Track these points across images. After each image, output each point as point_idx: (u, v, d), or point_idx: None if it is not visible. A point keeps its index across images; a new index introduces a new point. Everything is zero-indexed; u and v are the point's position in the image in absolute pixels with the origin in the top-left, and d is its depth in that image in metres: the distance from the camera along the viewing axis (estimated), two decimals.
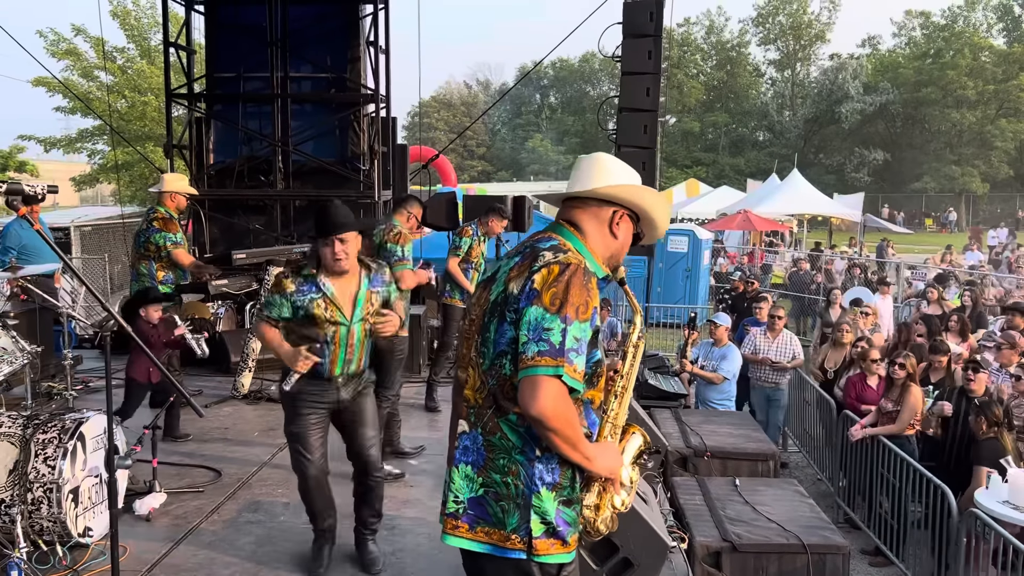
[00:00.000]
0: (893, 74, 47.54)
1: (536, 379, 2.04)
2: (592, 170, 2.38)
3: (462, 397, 2.28)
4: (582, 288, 2.11)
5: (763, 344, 8.65)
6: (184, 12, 9.76)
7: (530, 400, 2.04)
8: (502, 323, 2.17)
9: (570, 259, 2.16)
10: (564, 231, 2.33)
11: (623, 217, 2.36)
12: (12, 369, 4.32)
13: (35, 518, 3.88)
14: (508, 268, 2.25)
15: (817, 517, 4.85)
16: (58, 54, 21.93)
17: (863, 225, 27.77)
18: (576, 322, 2.08)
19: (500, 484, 2.17)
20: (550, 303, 2.08)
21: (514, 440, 2.16)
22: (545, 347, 2.05)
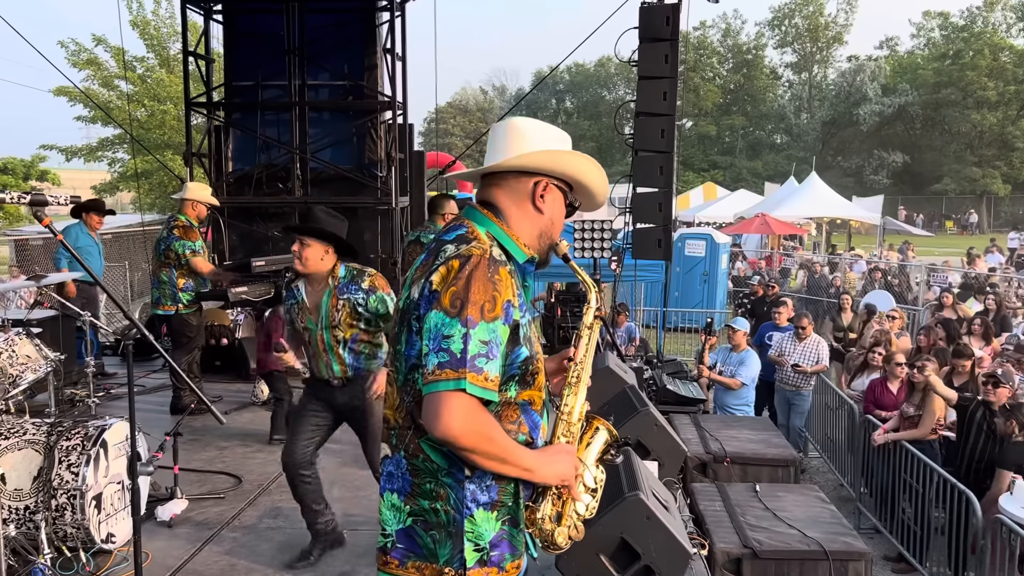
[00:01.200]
0: (912, 75, 47.21)
1: (437, 396, 1.80)
2: (505, 140, 2.08)
3: (384, 416, 2.06)
4: (486, 282, 1.84)
5: (789, 347, 8.61)
6: (203, 21, 9.83)
7: (433, 421, 1.80)
8: (410, 334, 1.92)
9: (472, 250, 1.89)
10: (476, 215, 2.05)
11: (547, 187, 2.08)
12: (36, 377, 4.37)
13: (59, 524, 3.92)
14: (413, 269, 2.02)
15: (839, 523, 4.80)
16: (79, 64, 22.20)
17: (882, 228, 27.55)
18: (482, 323, 1.82)
19: (429, 511, 1.92)
20: (450, 305, 1.83)
21: (439, 461, 1.91)
22: (446, 357, 1.80)
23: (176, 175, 15.45)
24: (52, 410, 4.76)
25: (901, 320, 10.50)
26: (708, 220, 26.75)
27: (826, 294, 17.04)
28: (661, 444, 4.90)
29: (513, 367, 1.93)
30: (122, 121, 19.90)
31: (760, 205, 26.04)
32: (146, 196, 23.37)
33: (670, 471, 4.96)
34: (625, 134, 9.26)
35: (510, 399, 1.96)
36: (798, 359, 8.50)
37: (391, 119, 9.56)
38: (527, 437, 1.99)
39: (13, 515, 3.90)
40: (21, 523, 3.91)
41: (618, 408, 5.21)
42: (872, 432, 7.22)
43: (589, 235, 9.09)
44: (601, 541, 3.51)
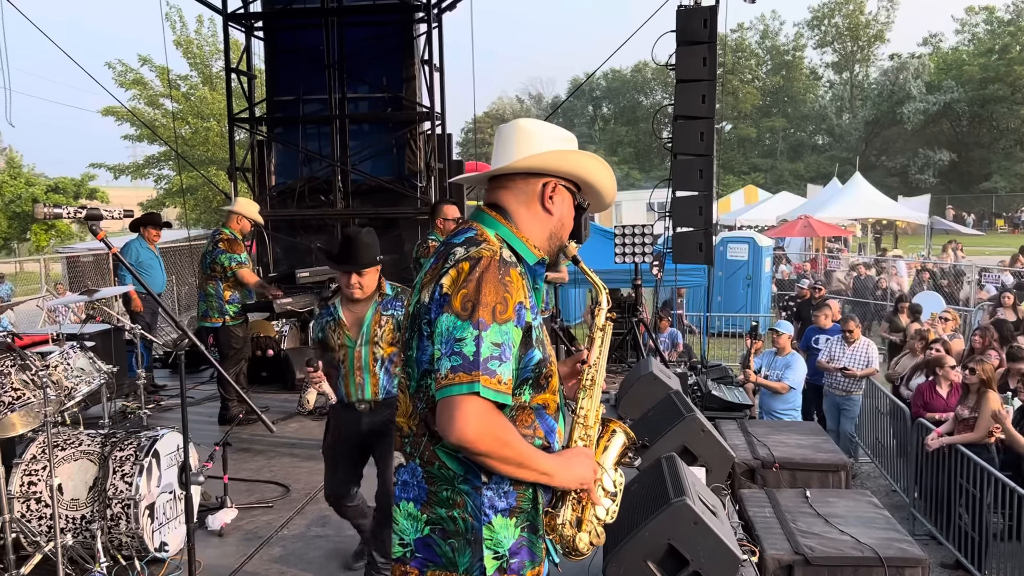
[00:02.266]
0: (957, 72, 46.27)
1: (451, 401, 1.77)
2: (512, 142, 2.05)
3: (396, 423, 2.02)
4: (497, 284, 1.82)
5: (839, 351, 8.46)
6: (244, 39, 10.02)
7: (447, 426, 1.78)
8: (421, 339, 1.90)
9: (482, 252, 1.86)
10: (485, 218, 2.03)
11: (556, 188, 2.06)
12: (90, 389, 4.46)
13: (114, 533, 4.00)
14: (423, 272, 1.99)
15: (893, 529, 4.70)
16: (126, 84, 22.76)
17: (930, 228, 27.00)
18: (494, 325, 1.79)
19: (447, 519, 1.88)
20: (461, 308, 1.80)
21: (455, 468, 1.88)
22: (458, 361, 1.78)
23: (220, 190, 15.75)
24: (106, 421, 4.86)
25: (955, 322, 10.24)
26: (750, 223, 26.45)
27: (873, 296, 16.74)
28: (708, 450, 4.84)
29: (526, 370, 1.91)
30: (167, 139, 20.35)
31: (803, 207, 25.68)
32: (191, 211, 23.83)
33: (718, 477, 4.89)
34: (663, 138, 9.22)
35: (524, 403, 1.93)
36: (848, 363, 8.35)
37: (430, 130, 9.64)
38: (543, 441, 1.97)
39: (70, 524, 3.99)
40: (78, 532, 3.99)
41: (663, 414, 5.16)
42: (924, 436, 7.06)
43: (630, 240, 9.05)
44: (648, 547, 3.48)
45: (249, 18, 9.85)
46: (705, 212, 8.22)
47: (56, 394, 4.13)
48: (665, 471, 3.84)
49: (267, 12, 9.86)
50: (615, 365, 9.57)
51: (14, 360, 4.05)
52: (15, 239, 29.23)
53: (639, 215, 26.68)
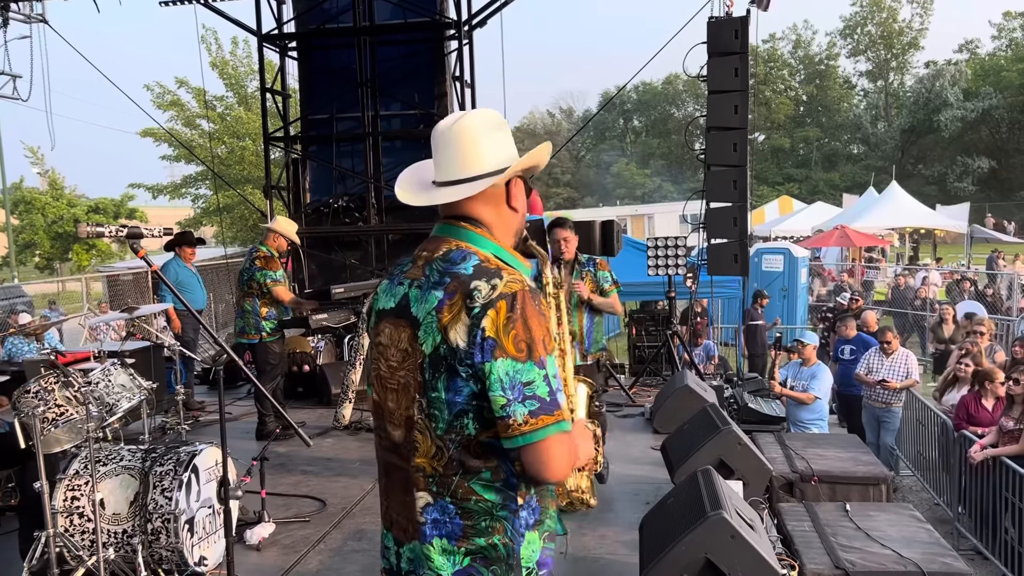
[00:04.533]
0: (995, 78, 45.47)
1: (543, 446, 1.78)
2: (461, 149, 1.97)
3: (411, 464, 1.93)
4: (539, 317, 1.81)
5: (877, 363, 8.34)
6: (279, 59, 10.18)
7: (544, 470, 1.80)
8: (454, 378, 1.83)
9: (512, 286, 1.82)
10: (470, 235, 1.95)
11: (516, 182, 2.03)
12: (131, 405, 4.54)
13: (154, 548, 4.05)
14: (431, 306, 1.86)
15: (936, 543, 4.60)
16: (163, 106, 23.23)
17: (970, 236, 26.52)
18: (549, 358, 1.81)
19: (488, 548, 1.89)
20: (516, 351, 1.77)
21: (493, 499, 1.88)
22: (535, 405, 1.77)
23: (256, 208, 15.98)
24: (146, 437, 4.94)
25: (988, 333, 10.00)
26: (785, 234, 26.20)
27: (911, 306, 16.48)
28: (745, 463, 4.78)
29: None
30: (204, 158, 20.72)
31: (839, 217, 25.39)
32: (228, 229, 24.22)
33: (755, 491, 4.83)
34: (696, 150, 9.19)
35: None
36: (887, 375, 8.23)
37: None
38: None
39: (112, 539, 4.05)
40: (120, 546, 4.05)
41: (699, 427, 5.12)
42: (967, 448, 6.91)
43: (663, 252, 9.02)
44: (685, 561, 3.44)
45: (283, 39, 10.02)
46: (739, 223, 8.18)
47: (98, 410, 4.21)
48: (701, 485, 3.81)
49: (301, 32, 10.01)
50: (650, 379, 9.52)
51: (58, 377, 4.14)
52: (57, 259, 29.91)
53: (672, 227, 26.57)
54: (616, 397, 8.67)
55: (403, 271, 2.00)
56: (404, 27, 9.70)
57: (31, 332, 4.96)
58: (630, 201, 46.07)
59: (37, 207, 28.28)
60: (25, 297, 17.94)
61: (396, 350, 1.94)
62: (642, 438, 7.23)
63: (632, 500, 5.64)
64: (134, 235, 2.79)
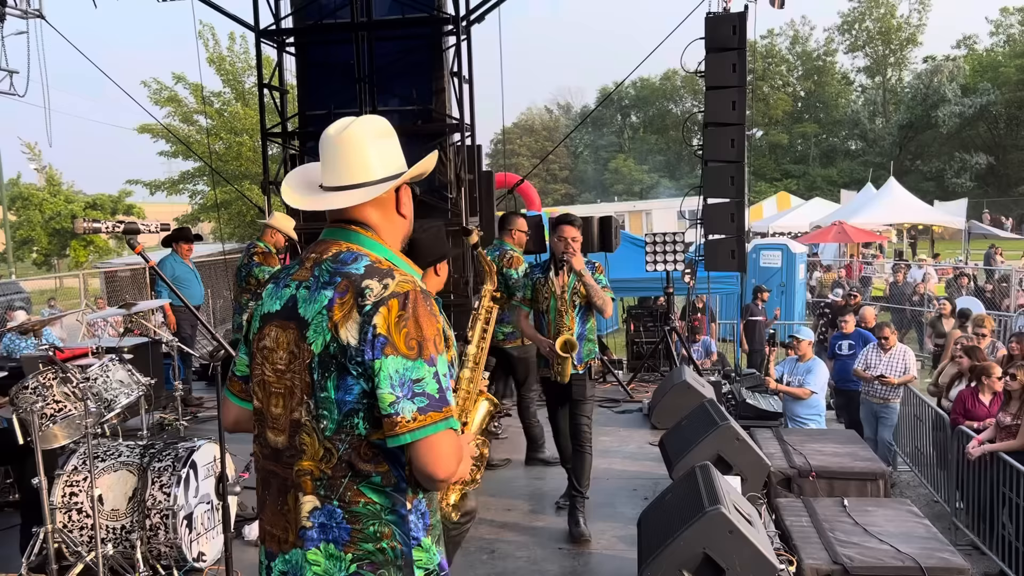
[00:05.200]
0: (993, 74, 45.49)
1: (430, 442, 1.77)
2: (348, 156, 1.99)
3: (294, 469, 1.90)
4: (430, 316, 1.83)
5: (875, 358, 8.35)
6: (276, 54, 10.15)
7: (434, 467, 1.78)
8: (344, 377, 1.82)
9: (404, 285, 1.83)
10: (361, 239, 1.97)
11: (405, 189, 2.08)
12: (129, 401, 4.54)
13: (153, 543, 4.06)
14: (320, 305, 1.85)
15: (934, 538, 4.61)
16: (161, 102, 23.16)
17: (967, 232, 26.55)
18: (440, 356, 1.82)
19: (375, 552, 1.86)
20: (407, 348, 1.78)
21: (382, 502, 1.87)
22: (424, 402, 1.77)
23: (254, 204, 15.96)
24: (144, 433, 4.94)
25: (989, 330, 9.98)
26: (783, 230, 26.21)
27: (909, 302, 16.50)
28: (743, 458, 4.79)
29: None
30: (202, 154, 20.67)
31: (837, 213, 25.40)
32: (226, 226, 24.18)
33: (753, 486, 4.84)
34: (693, 146, 9.19)
35: None
36: (884, 370, 8.24)
37: (459, 141, 9.69)
38: None
39: (110, 534, 4.06)
40: (118, 542, 4.06)
41: (697, 422, 5.13)
42: (965, 443, 6.93)
43: (661, 248, 9.02)
44: (684, 556, 3.45)
45: (281, 34, 9.98)
46: (737, 219, 8.19)
47: (96, 406, 4.21)
48: (700, 480, 3.82)
49: (298, 28, 9.98)
50: (648, 374, 9.53)
51: (56, 373, 4.13)
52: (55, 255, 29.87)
53: (670, 223, 26.57)
54: (614, 393, 8.68)
55: (289, 274, 1.98)
56: (402, 23, 9.66)
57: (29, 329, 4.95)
58: (628, 197, 46.10)
59: (34, 203, 28.22)
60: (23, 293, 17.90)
61: (283, 352, 1.91)
62: (640, 434, 7.24)
63: (630, 495, 5.65)
64: (131, 231, 2.79)
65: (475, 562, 4.49)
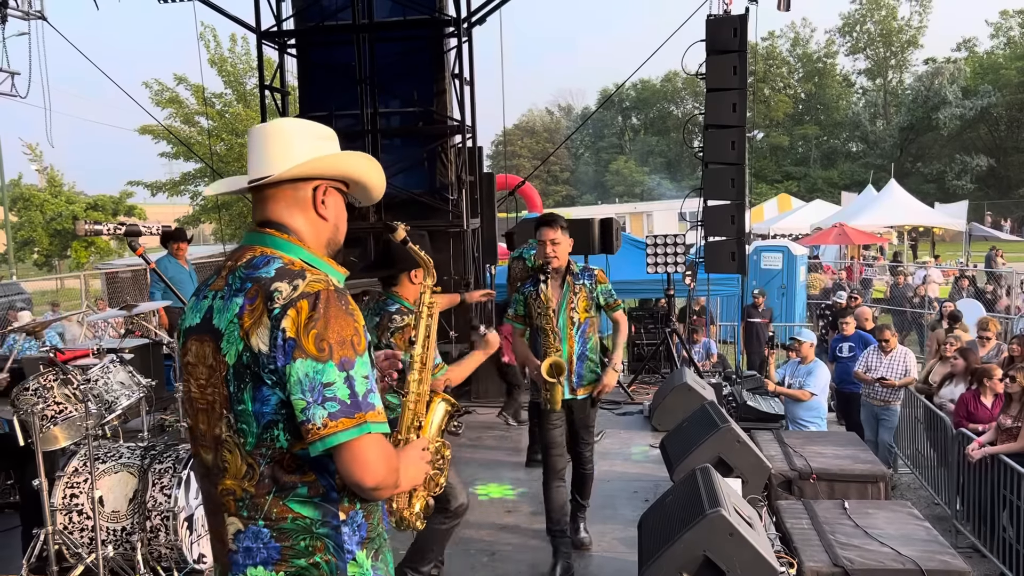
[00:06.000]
0: (994, 76, 45.47)
1: (352, 446, 1.67)
2: (269, 148, 1.91)
3: (218, 488, 1.82)
4: (345, 316, 1.72)
5: (875, 361, 8.35)
6: (277, 56, 10.17)
7: (361, 473, 1.68)
8: (259, 387, 1.72)
9: (314, 285, 1.73)
10: (276, 241, 1.87)
11: (327, 191, 1.94)
12: (130, 402, 4.53)
13: (154, 545, 4.06)
14: (232, 313, 1.76)
15: (934, 540, 4.61)
16: (162, 103, 23.18)
17: (968, 234, 26.55)
18: (358, 358, 1.71)
19: (308, 568, 1.78)
20: (317, 350, 1.67)
21: (311, 515, 1.77)
22: (335, 407, 1.66)
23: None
24: (145, 434, 4.94)
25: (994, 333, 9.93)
26: (784, 232, 26.22)
27: (910, 304, 16.50)
28: (744, 461, 4.79)
29: None
30: (203, 155, 20.68)
31: (838, 215, 25.39)
32: (227, 227, 24.19)
33: (754, 489, 4.84)
34: (694, 148, 9.20)
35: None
36: (885, 372, 8.24)
37: (460, 143, 9.70)
38: None
39: (111, 536, 4.06)
40: (119, 544, 4.06)
41: (698, 424, 5.13)
42: (966, 446, 6.93)
43: (662, 250, 9.02)
44: (684, 559, 3.45)
45: (282, 36, 10.00)
46: (737, 221, 8.19)
47: (97, 408, 4.21)
48: (700, 482, 3.81)
49: (300, 30, 10.00)
50: (648, 376, 9.53)
51: (56, 374, 4.14)
52: (56, 256, 29.87)
53: (671, 225, 26.57)
54: (615, 395, 8.67)
55: (208, 284, 1.89)
56: (403, 24, 9.68)
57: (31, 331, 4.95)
58: (629, 199, 46.07)
59: (35, 204, 28.23)
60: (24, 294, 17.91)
61: (203, 367, 1.82)
62: (641, 436, 7.25)
63: (631, 498, 5.65)
64: (132, 233, 2.79)
65: (476, 564, 4.49)
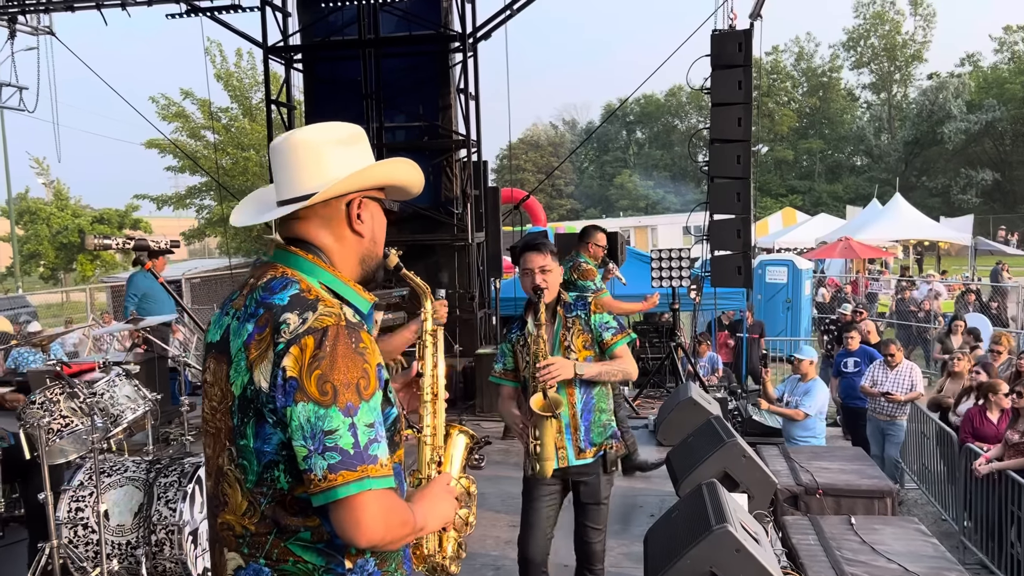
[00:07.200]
0: (999, 90, 45.53)
1: (347, 503, 1.54)
2: (298, 164, 1.76)
3: (218, 520, 1.73)
4: (353, 356, 1.58)
5: (881, 375, 8.31)
6: (284, 71, 10.23)
7: (354, 532, 1.55)
8: (262, 424, 1.61)
9: (324, 320, 1.59)
10: (298, 261, 1.74)
11: (362, 203, 1.78)
12: (135, 416, 4.54)
13: (159, 559, 4.05)
14: (241, 340, 1.65)
15: (942, 557, 4.58)
16: (168, 117, 23.33)
17: (974, 248, 26.51)
18: (363, 404, 1.57)
19: None
20: (319, 393, 1.54)
21: (314, 560, 1.65)
22: (336, 458, 1.53)
23: None
24: (150, 448, 4.94)
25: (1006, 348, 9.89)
26: (789, 246, 26.20)
27: (915, 318, 16.45)
28: (750, 476, 4.77)
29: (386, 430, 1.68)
30: (209, 169, 20.78)
31: (843, 229, 25.38)
32: (232, 240, 24.26)
33: (760, 504, 4.82)
34: (699, 162, 9.22)
35: None
36: (891, 387, 8.20)
37: (465, 157, 9.73)
38: None
39: (116, 550, 4.05)
40: (123, 558, 4.05)
41: (703, 439, 5.11)
42: (973, 461, 6.89)
43: (667, 264, 9.02)
44: (690, 575, 3.43)
45: (288, 51, 10.07)
46: (743, 235, 8.19)
47: (103, 421, 4.21)
48: (706, 497, 3.80)
49: (306, 45, 10.07)
50: (654, 391, 9.51)
51: (63, 388, 4.15)
52: (62, 269, 29.96)
53: (675, 239, 26.58)
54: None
55: (231, 300, 1.78)
56: (408, 40, 9.75)
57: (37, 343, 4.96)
58: (633, 213, 46.12)
59: (42, 217, 28.35)
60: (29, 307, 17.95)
61: (217, 388, 1.72)
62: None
63: (637, 513, 5.62)
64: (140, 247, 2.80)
65: None
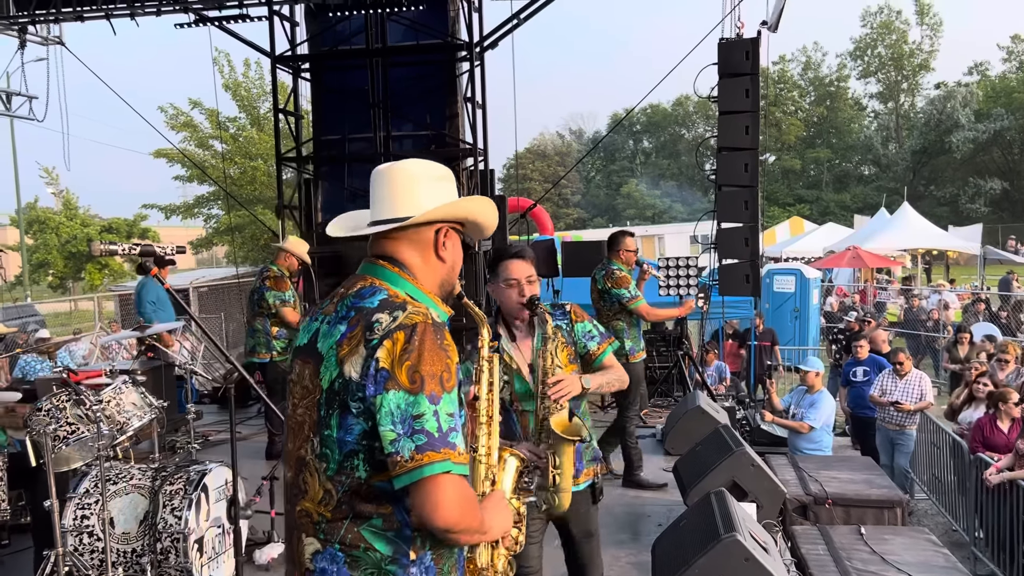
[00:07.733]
0: (1007, 99, 45.44)
1: (428, 484, 1.67)
2: (395, 191, 2.01)
3: (296, 509, 1.87)
4: (438, 351, 1.73)
5: (890, 384, 8.25)
6: (291, 80, 10.26)
7: (432, 512, 1.68)
8: (345, 415, 1.76)
9: (413, 317, 1.76)
10: (386, 273, 1.93)
11: (448, 233, 2.00)
12: (141, 424, 4.53)
13: (164, 567, 4.03)
14: (333, 340, 1.82)
15: (953, 567, 4.54)
16: (176, 127, 23.39)
17: (983, 258, 26.39)
18: (445, 395, 1.71)
19: None
20: (409, 381, 1.69)
21: (382, 549, 1.77)
22: (423, 440, 1.67)
23: (268, 228, 16.06)
24: (156, 456, 4.94)
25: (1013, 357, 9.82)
26: (797, 255, 26.13)
27: (923, 327, 16.37)
28: (759, 485, 4.74)
29: None
30: (217, 179, 20.84)
31: (851, 238, 25.29)
32: (240, 249, 24.30)
33: (769, 513, 4.79)
34: (706, 171, 9.20)
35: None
36: (900, 397, 8.15)
37: (473, 166, 9.74)
38: None
39: (121, 558, 4.04)
40: (129, 566, 4.04)
41: (711, 448, 5.08)
42: (984, 471, 6.83)
43: (674, 272, 9.00)
44: None
45: (296, 60, 10.10)
46: (751, 243, 8.17)
47: (109, 429, 4.21)
48: (715, 506, 3.77)
49: (314, 54, 10.09)
50: (661, 399, 9.47)
51: (69, 395, 4.14)
52: (70, 278, 30.08)
53: (682, 247, 26.52)
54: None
55: (322, 308, 1.96)
56: (416, 49, 9.76)
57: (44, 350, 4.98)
58: (640, 222, 46.11)
59: (51, 227, 28.48)
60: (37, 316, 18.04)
61: (300, 387, 1.89)
62: (654, 459, 7.18)
63: (645, 522, 5.59)
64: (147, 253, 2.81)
65: None
